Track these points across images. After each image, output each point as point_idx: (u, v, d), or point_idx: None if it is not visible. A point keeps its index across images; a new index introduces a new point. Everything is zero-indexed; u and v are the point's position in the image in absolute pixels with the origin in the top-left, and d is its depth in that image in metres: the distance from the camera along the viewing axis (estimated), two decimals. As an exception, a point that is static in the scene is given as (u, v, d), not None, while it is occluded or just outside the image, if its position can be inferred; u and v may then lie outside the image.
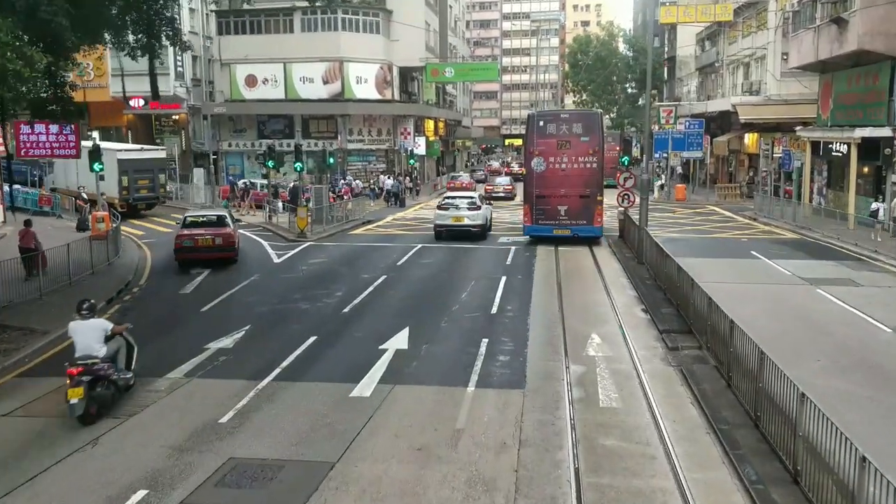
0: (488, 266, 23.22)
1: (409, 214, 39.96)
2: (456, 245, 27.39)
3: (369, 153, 50.80)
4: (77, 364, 10.99)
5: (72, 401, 10.62)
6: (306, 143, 49.50)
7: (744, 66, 50.85)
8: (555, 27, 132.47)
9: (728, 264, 23.25)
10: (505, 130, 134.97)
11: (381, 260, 24.34)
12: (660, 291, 18.52)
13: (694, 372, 12.77)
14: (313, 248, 27.34)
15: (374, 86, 49.38)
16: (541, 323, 16.22)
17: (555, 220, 26.62)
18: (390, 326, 15.93)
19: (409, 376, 12.85)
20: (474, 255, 25.54)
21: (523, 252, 25.66)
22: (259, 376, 12.88)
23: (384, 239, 29.66)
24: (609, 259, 24.08)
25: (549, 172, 26.53)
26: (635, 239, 23.66)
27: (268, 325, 16.48)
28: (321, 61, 48.36)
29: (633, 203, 25.89)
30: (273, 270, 22.98)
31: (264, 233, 31.00)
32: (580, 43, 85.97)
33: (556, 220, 26.62)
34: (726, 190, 46.16)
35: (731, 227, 33.10)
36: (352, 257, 25.15)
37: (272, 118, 49.47)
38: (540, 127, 26.84)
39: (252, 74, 49.03)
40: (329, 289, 19.84)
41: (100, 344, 11.40)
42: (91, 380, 10.93)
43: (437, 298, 18.77)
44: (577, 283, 20.29)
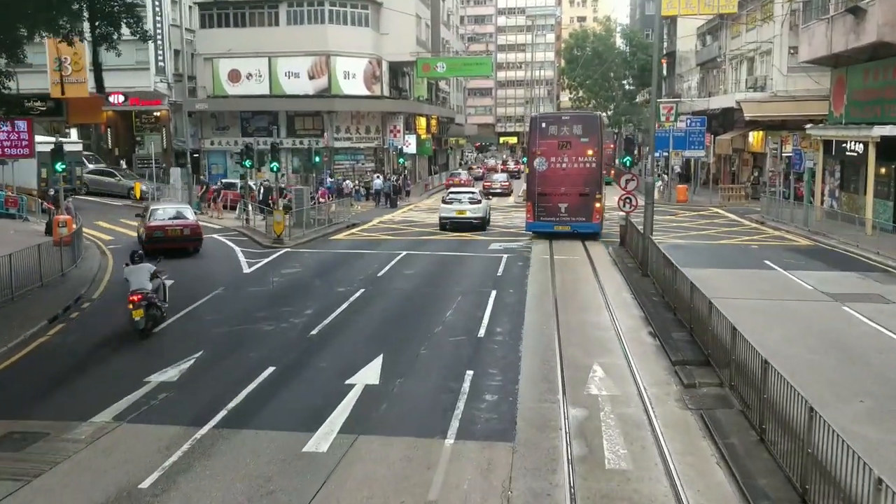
0: (477, 278, 21.15)
1: (398, 217, 37.87)
2: (443, 253, 25.36)
3: (357, 152, 48.66)
4: (137, 293, 14.89)
5: (136, 318, 14.81)
6: (291, 142, 47.44)
7: (748, 60, 48.81)
8: (550, 23, 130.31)
9: (741, 276, 21.20)
10: (500, 128, 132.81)
11: (361, 270, 22.25)
12: (669, 311, 16.45)
13: (717, 419, 10.71)
14: (290, 255, 25.24)
15: (362, 81, 47.24)
16: (534, 350, 14.14)
17: (555, 216, 27.67)
18: (362, 354, 13.86)
19: (377, 423, 10.77)
20: (463, 264, 23.47)
21: (516, 261, 23.59)
22: (199, 421, 10.82)
23: (367, 245, 27.57)
24: (610, 270, 22.00)
25: (550, 171, 27.69)
26: (638, 247, 21.62)
27: (223, 351, 14.40)
28: (307, 55, 46.21)
29: (636, 207, 23.85)
30: (241, 282, 20.87)
31: (239, 238, 28.88)
32: (576, 38, 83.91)
33: (556, 217, 27.66)
34: (730, 191, 44.15)
35: (739, 231, 31.06)
36: (329, 267, 23.05)
37: (256, 115, 47.33)
38: (542, 128, 28.18)
39: (235, 69, 46.88)
40: (298, 305, 17.74)
41: (148, 281, 15.33)
42: (147, 305, 14.98)
43: (417, 318, 16.69)
44: (575, 300, 18.20)
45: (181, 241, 24.34)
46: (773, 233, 30.45)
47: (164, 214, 25.08)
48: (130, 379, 12.68)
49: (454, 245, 27.34)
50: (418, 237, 29.51)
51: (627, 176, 24.28)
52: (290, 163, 48.00)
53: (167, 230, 24.22)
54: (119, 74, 45.66)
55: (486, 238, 28.96)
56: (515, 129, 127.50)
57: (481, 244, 27.41)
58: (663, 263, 17.67)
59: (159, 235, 24.02)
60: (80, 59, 46.12)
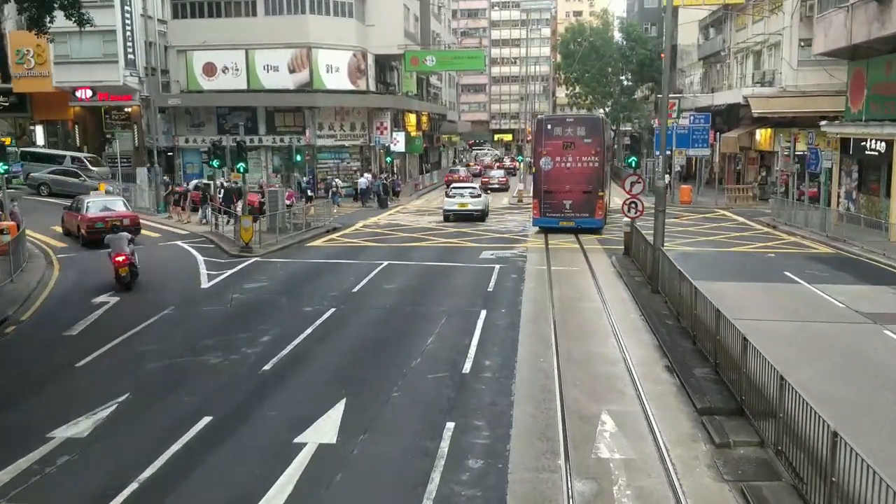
0: (465, 293, 18.67)
1: (384, 220, 35.36)
2: (429, 263, 22.87)
3: (342, 150, 46.05)
4: (121, 255, 18.52)
5: (122, 274, 18.63)
6: (271, 139, 44.82)
7: (754, 54, 46.44)
8: (546, 17, 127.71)
9: (762, 291, 18.77)
10: (494, 125, 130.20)
11: (335, 284, 19.74)
12: (686, 338, 14.00)
13: (764, 499, 8.28)
14: (258, 266, 22.72)
15: (346, 75, 44.64)
16: (529, 393, 11.68)
17: (560, 212, 29.12)
18: (321, 398, 11.43)
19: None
20: (450, 276, 20.98)
21: (510, 273, 21.12)
22: (99, 501, 8.37)
23: (346, 253, 25.07)
24: (615, 284, 19.53)
25: (555, 170, 29.10)
26: (646, 259, 19.18)
27: (153, 393, 11.93)
28: (287, 48, 43.58)
29: (642, 213, 21.38)
30: (196, 299, 18.34)
31: (205, 245, 26.32)
32: (573, 32, 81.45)
33: (561, 213, 29.13)
34: (737, 192, 41.75)
35: (751, 237, 28.66)
36: (300, 280, 20.54)
37: (233, 110, 44.68)
38: (548, 129, 29.57)
39: (210, 62, 44.21)
40: (256, 330, 15.25)
41: (126, 247, 18.87)
42: (129, 264, 18.71)
43: (393, 347, 14.21)
44: (576, 323, 15.72)
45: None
46: (787, 238, 28.05)
47: (97, 206, 26.38)
48: (31, 434, 10.25)
49: (442, 253, 24.88)
50: (403, 243, 27.05)
51: (633, 178, 21.82)
52: (270, 162, 45.42)
53: (107, 221, 25.22)
54: (86, 68, 43.27)
55: (477, 245, 26.50)
56: (510, 126, 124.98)
57: (472, 252, 24.95)
58: (678, 280, 15.22)
59: (100, 227, 24.92)
60: (43, 52, 43.58)
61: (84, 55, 43.77)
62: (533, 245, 26.39)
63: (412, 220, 35.45)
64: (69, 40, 43.48)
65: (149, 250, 25.18)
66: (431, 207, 41.55)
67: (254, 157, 45.38)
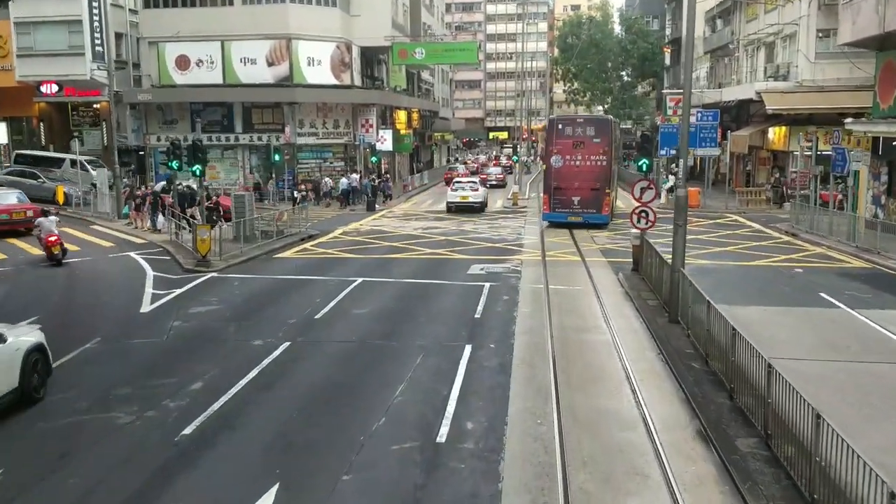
0: (448, 320, 15.79)
1: (366, 225, 32.48)
2: (410, 280, 19.98)
3: (325, 148, 43.10)
4: (53, 235, 21.22)
5: (55, 252, 21.17)
6: (248, 137, 41.86)
7: (766, 46, 43.61)
8: (543, 11, 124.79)
9: (798, 319, 15.91)
10: (489, 122, 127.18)
11: (297, 307, 16.86)
12: (721, 390, 11.14)
13: None
14: (213, 283, 19.83)
15: (328, 68, 41.69)
16: (523, 481, 8.77)
17: (569, 208, 30.10)
18: (246, 482, 8.60)
19: None
20: (432, 297, 18.10)
21: (501, 293, 18.24)
22: None
23: (318, 267, 22.19)
24: (624, 309, 16.64)
25: (565, 168, 30.23)
26: (661, 280, 16.32)
27: (31, 471, 9.07)
28: (265, 39, 40.60)
29: (654, 223, 18.55)
30: (130, 328, 15.43)
31: (160, 258, 23.39)
32: (571, 25, 78.67)
33: (570, 209, 30.10)
34: (749, 195, 38.92)
35: (771, 247, 25.84)
36: (257, 302, 17.65)
37: (208, 106, 41.69)
38: (559, 129, 30.86)
39: (184, 55, 41.23)
40: (187, 374, 12.36)
41: (55, 228, 21.72)
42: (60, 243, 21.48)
43: (352, 400, 11.33)
44: (581, 365, 12.80)
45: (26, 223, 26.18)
46: (811, 249, 25.22)
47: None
48: None
49: (426, 267, 22.00)
50: (384, 254, 24.18)
51: (643, 184, 18.98)
52: (247, 162, 42.48)
53: (11, 213, 26.55)
54: (50, 60, 40.36)
55: (465, 257, 23.62)
56: (506, 124, 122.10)
57: (459, 266, 22.05)
58: (705, 311, 12.35)
59: (5, 218, 26.24)
60: (5, 44, 40.69)
61: (49, 47, 40.82)
62: (529, 257, 23.53)
63: (398, 225, 32.57)
64: (33, 31, 40.60)
65: (94, 264, 22.36)
66: (420, 211, 38.68)
67: (230, 157, 42.65)
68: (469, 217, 35.28)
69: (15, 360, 10.72)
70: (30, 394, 10.97)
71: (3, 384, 10.45)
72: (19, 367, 10.77)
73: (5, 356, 10.55)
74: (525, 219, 34.72)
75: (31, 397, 11.01)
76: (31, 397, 11.00)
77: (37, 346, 11.36)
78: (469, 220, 33.97)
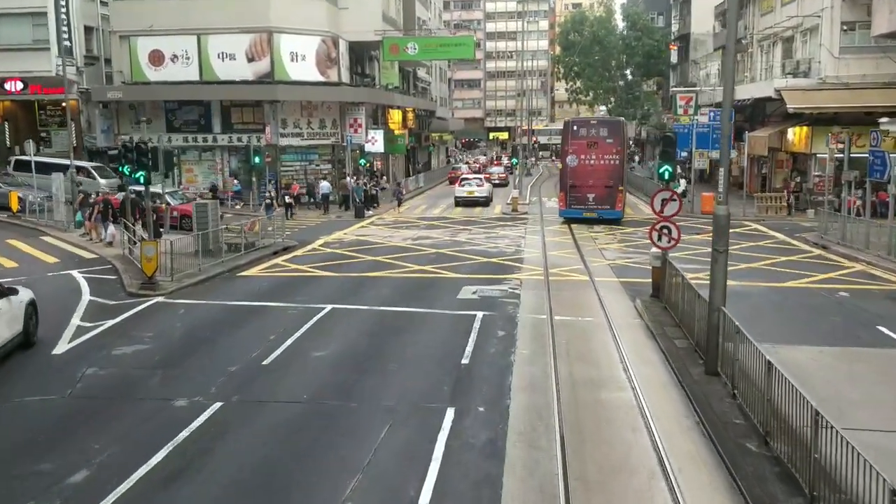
0: (428, 368, 12.71)
1: (351, 235, 29.45)
2: (387, 308, 16.87)
3: (310, 150, 40.01)
4: None
5: None
6: (228, 138, 38.80)
7: (783, 41, 40.60)
8: (543, 9, 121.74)
9: (865, 365, 12.83)
10: (489, 122, 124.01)
11: (243, 348, 13.77)
12: (795, 492, 8.04)
13: None
14: (153, 311, 16.75)
15: (313, 64, 38.61)
16: None
17: (584, 205, 31.72)
18: None
19: None
20: (411, 332, 15.02)
21: (496, 326, 15.18)
22: None
23: (283, 289, 19.13)
24: (648, 352, 13.51)
25: (580, 167, 31.77)
26: (690, 313, 13.25)
27: None
28: (244, 32, 37.52)
29: (677, 242, 15.51)
30: (30, 379, 12.34)
31: (103, 276, 20.29)
32: (573, 21, 75.57)
33: (585, 205, 31.71)
34: (768, 201, 35.82)
35: (802, 262, 22.78)
36: (197, 339, 14.55)
37: (184, 105, 38.63)
38: (574, 130, 32.51)
39: (157, 50, 38.16)
40: (74, 456, 9.29)
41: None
42: None
43: (287, 499, 8.27)
44: (598, 451, 9.61)
45: None
46: (849, 265, 22.15)
47: None
48: None
49: (409, 290, 18.93)
50: (364, 272, 21.14)
51: (664, 194, 15.91)
52: (226, 164, 39.42)
53: None
54: (13, 56, 37.41)
55: (456, 276, 20.58)
56: (507, 124, 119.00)
57: (448, 287, 19.00)
58: (763, 373, 9.27)
59: None
60: (-37, 37, 37.70)
61: (11, 41, 37.84)
62: (529, 276, 20.47)
63: (386, 235, 29.53)
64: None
65: (26, 286, 19.20)
66: (412, 217, 35.65)
67: (208, 160, 39.62)
68: (465, 225, 32.32)
69: (21, 310, 13.38)
70: (28, 338, 13.56)
71: (15, 328, 13.06)
72: (23, 315, 13.39)
73: (17, 305, 13.19)
74: (526, 227, 31.69)
75: (30, 341, 13.60)
76: (29, 341, 13.58)
77: (31, 300, 13.85)
78: (464, 229, 30.99)
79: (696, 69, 58.42)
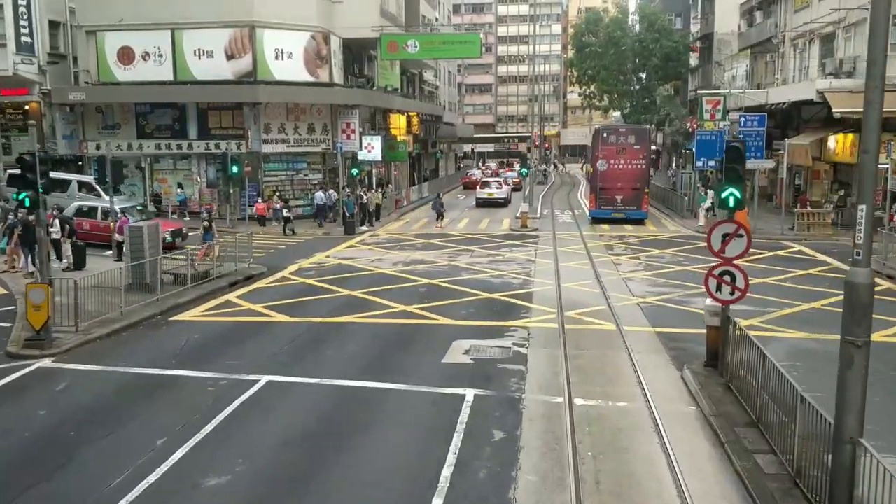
0: (398, 490, 8.61)
1: (333, 258, 25.47)
2: (344, 384, 12.58)
3: (298, 158, 36.03)
4: None
5: None
6: (205, 145, 34.86)
7: (821, 39, 36.41)
8: (556, 12, 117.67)
9: None
10: (500, 128, 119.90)
11: (109, 464, 9.53)
12: None
13: None
14: (22, 388, 12.51)
15: (302, 63, 34.67)
16: None
17: (612, 206, 34.29)
18: None
19: None
20: (371, 434, 10.78)
21: (492, 419, 10.96)
22: None
23: (216, 346, 14.96)
24: (718, 482, 9.20)
25: (609, 171, 34.45)
26: (777, 417, 9.10)
27: None
28: (224, 27, 33.62)
29: (745, 294, 11.34)
30: None
31: (1, 323, 16.33)
32: (587, 22, 71.37)
33: (613, 206, 34.28)
34: (809, 217, 31.55)
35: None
36: (52, 445, 10.26)
37: (156, 108, 34.73)
38: (604, 137, 35.39)
39: (128, 47, 34.29)
40: None
41: None
42: None
43: None
44: None
45: None
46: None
47: None
48: None
49: (382, 346, 14.78)
50: (330, 317, 16.99)
51: (726, 227, 11.65)
52: (204, 174, 35.49)
53: None
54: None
55: (447, 322, 16.49)
56: (518, 130, 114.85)
57: (434, 342, 14.85)
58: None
59: None
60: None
61: (-34, 36, 34.11)
62: (540, 322, 16.34)
63: (374, 258, 25.53)
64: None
65: None
66: (408, 234, 31.62)
67: (184, 168, 35.73)
68: (467, 245, 28.28)
69: None
70: None
71: None
72: None
73: None
74: (536, 248, 27.56)
75: None
76: None
77: None
78: (466, 250, 26.94)
79: (720, 71, 54.17)
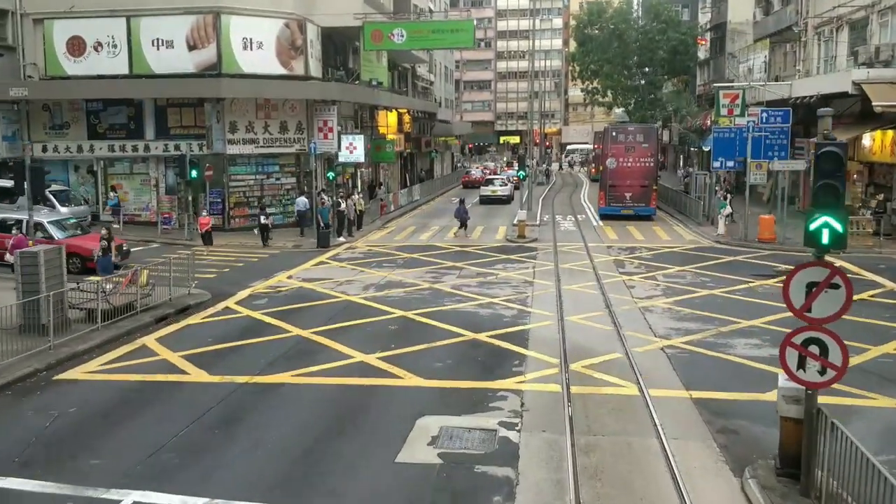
0: None
1: (295, 279, 21.83)
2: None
3: (269, 160, 32.32)
4: None
5: None
6: (163, 146, 31.18)
7: (849, 26, 32.84)
8: (557, 6, 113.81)
9: None
10: (500, 126, 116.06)
11: None
12: None
13: None
14: None
15: (273, 53, 30.99)
16: None
17: (622, 202, 35.51)
18: None
19: None
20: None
21: None
22: None
23: (93, 427, 11.23)
24: None
25: (618, 169, 35.60)
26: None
27: None
28: (185, 13, 29.98)
29: (841, 374, 7.61)
30: None
31: None
32: (590, 14, 67.62)
33: (622, 203, 35.47)
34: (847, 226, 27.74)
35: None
36: None
37: (110, 106, 31.11)
38: (613, 136, 36.66)
39: (78, 36, 30.63)
40: None
41: None
42: None
43: None
44: None
45: None
46: None
47: None
48: None
49: (317, 431, 10.83)
50: (263, 374, 13.26)
51: (814, 271, 7.81)
52: (163, 179, 31.81)
53: None
54: None
55: (414, 383, 12.82)
56: (518, 128, 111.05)
57: (392, 421, 11.14)
58: None
59: None
60: None
61: None
62: (536, 385, 12.56)
63: (346, 277, 21.91)
64: None
65: None
66: (390, 247, 27.92)
67: (141, 173, 32.02)
68: (455, 260, 24.59)
69: None
70: None
71: None
72: None
73: None
74: (534, 265, 23.84)
75: None
76: None
77: None
78: (453, 268, 23.28)
79: (734, 63, 50.38)
